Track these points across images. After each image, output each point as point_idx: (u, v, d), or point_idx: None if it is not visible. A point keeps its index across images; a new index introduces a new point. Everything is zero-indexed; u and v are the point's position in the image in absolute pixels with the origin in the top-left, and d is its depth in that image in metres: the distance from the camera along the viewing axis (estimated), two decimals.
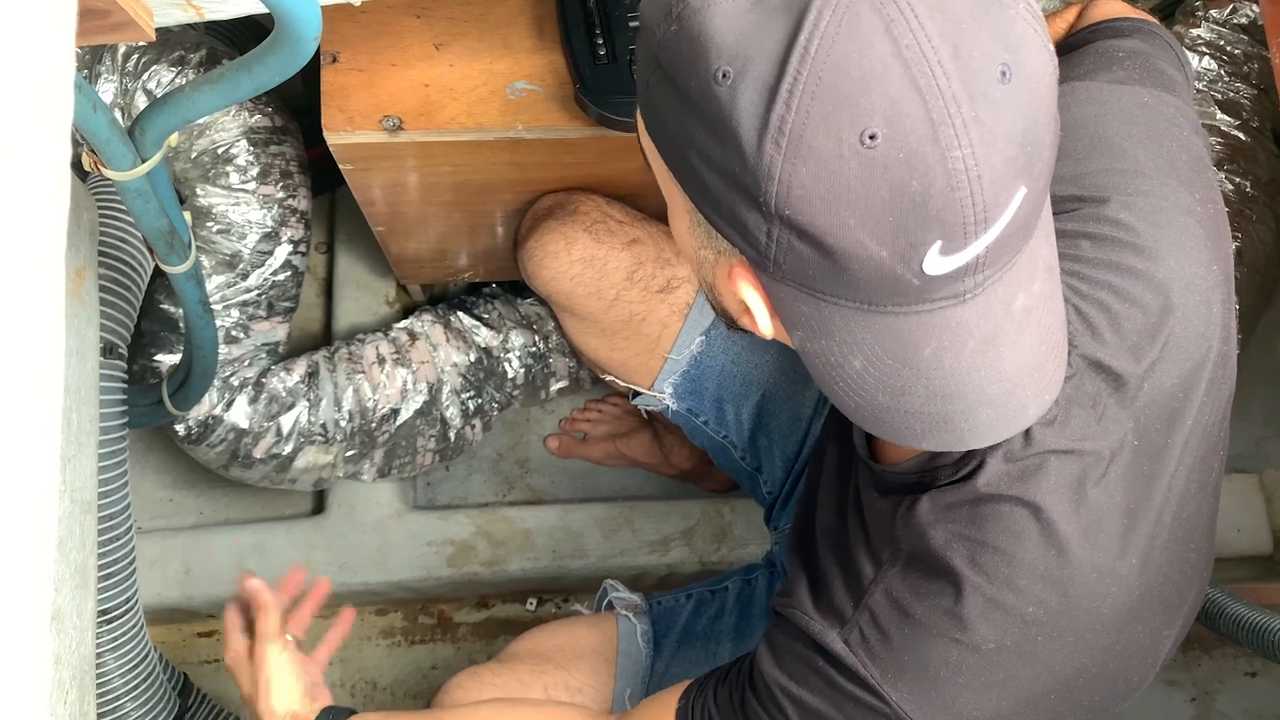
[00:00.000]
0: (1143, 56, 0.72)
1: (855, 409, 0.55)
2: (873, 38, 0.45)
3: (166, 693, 0.99)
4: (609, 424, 1.33)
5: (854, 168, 0.46)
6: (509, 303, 1.24)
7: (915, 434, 0.55)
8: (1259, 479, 1.35)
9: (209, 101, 0.62)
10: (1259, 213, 1.26)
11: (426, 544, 1.26)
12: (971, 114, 0.46)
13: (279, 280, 1.10)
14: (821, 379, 0.55)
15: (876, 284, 0.49)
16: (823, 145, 0.46)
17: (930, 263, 0.48)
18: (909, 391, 0.53)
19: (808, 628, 0.65)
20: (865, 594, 0.64)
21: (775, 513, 1.03)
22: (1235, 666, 1.35)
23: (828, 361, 0.53)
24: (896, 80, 0.45)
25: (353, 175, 0.94)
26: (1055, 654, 0.61)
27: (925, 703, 0.61)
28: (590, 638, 0.97)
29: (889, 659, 0.62)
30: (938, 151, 0.46)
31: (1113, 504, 0.61)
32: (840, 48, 0.45)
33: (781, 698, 0.65)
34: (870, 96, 0.45)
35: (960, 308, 0.50)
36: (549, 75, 0.90)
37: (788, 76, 0.46)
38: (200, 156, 1.03)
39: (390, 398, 1.16)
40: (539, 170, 0.96)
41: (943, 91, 0.45)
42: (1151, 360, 0.62)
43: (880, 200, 0.47)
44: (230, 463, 1.14)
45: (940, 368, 0.52)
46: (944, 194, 0.46)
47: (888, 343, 0.51)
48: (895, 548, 0.64)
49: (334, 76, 0.89)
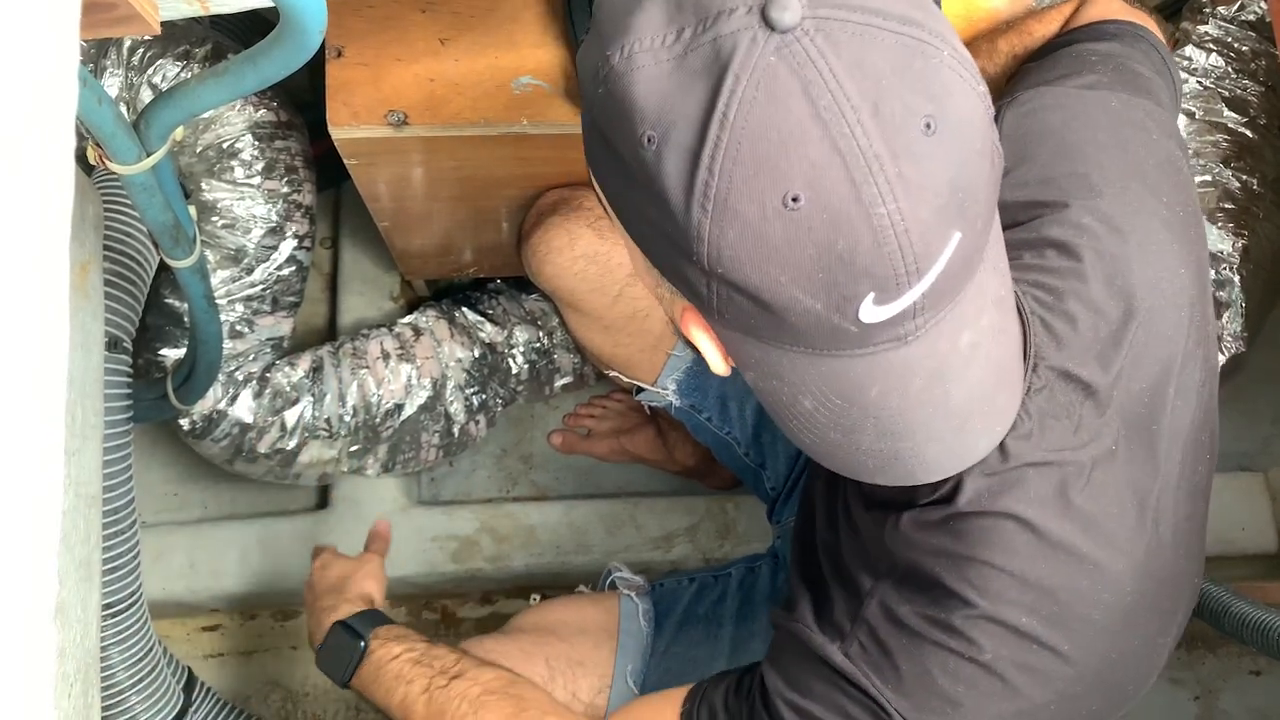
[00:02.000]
0: (1117, 60, 0.72)
1: (810, 445, 0.56)
2: (790, 101, 0.45)
3: (171, 686, 0.99)
4: (613, 420, 1.33)
5: (779, 229, 0.46)
6: (513, 298, 1.24)
7: (868, 470, 0.56)
8: (1265, 477, 1.34)
9: (214, 95, 0.62)
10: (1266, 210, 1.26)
11: (430, 539, 1.26)
12: (895, 171, 0.46)
13: (284, 275, 1.10)
14: (776, 417, 0.56)
15: (815, 332, 0.50)
16: (746, 209, 0.46)
17: (865, 312, 0.48)
18: (859, 430, 0.54)
19: (810, 641, 0.66)
20: (862, 606, 0.64)
21: (778, 509, 1.03)
22: (1239, 665, 1.35)
23: (780, 401, 0.54)
24: (815, 142, 0.45)
25: (358, 170, 0.94)
26: (1051, 663, 0.61)
27: (926, 712, 0.62)
28: (593, 614, 0.97)
29: (889, 669, 0.62)
30: (861, 210, 0.46)
31: (1099, 510, 0.61)
32: (759, 112, 0.45)
33: (788, 711, 0.65)
34: (790, 160, 0.46)
35: (903, 349, 0.50)
36: (554, 70, 0.90)
37: (709, 142, 0.46)
38: (205, 151, 1.03)
39: (394, 393, 1.16)
40: (544, 165, 0.96)
41: (863, 151, 0.45)
42: (1120, 368, 0.62)
43: (808, 259, 0.47)
44: (234, 457, 1.14)
45: (887, 407, 0.53)
46: (871, 250, 0.47)
47: (834, 384, 0.52)
48: (889, 561, 0.64)
49: (339, 71, 0.89)
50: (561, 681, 0.91)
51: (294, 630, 1.32)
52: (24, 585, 0.30)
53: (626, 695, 0.92)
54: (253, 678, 1.30)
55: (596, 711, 0.91)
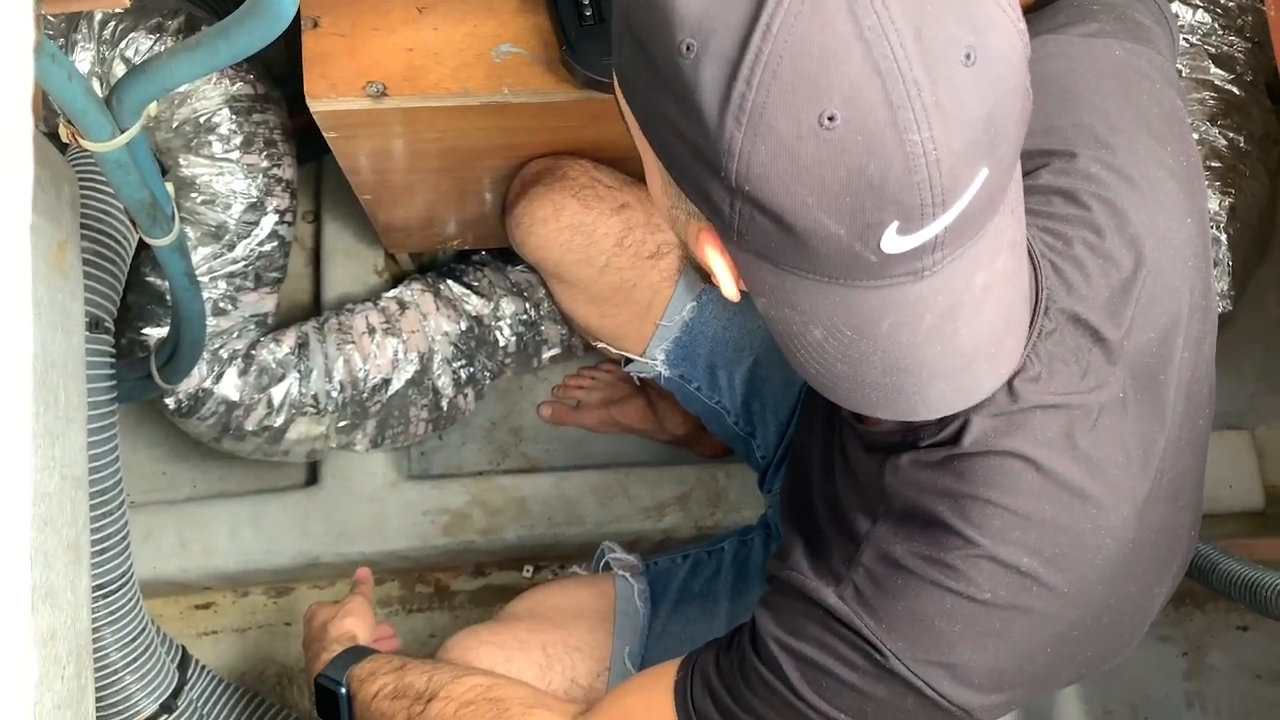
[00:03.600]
0: (1118, 9, 0.72)
1: (815, 375, 0.56)
2: (835, 17, 0.45)
3: (165, 665, 0.99)
4: (602, 391, 1.33)
5: (812, 148, 0.46)
6: (499, 270, 1.23)
7: (871, 403, 0.56)
8: (1251, 435, 1.35)
9: (187, 69, 0.60)
10: (1252, 168, 1.26)
11: (422, 513, 1.26)
12: (932, 98, 0.46)
13: (266, 251, 1.09)
14: (785, 346, 0.56)
15: (835, 259, 0.49)
16: (781, 125, 0.46)
17: (887, 242, 0.48)
18: (866, 362, 0.54)
19: (804, 586, 0.66)
20: (858, 550, 0.64)
21: (769, 477, 1.03)
22: (1227, 621, 1.36)
23: (789, 330, 0.54)
24: (857, 62, 0.45)
25: (337, 143, 0.92)
26: (1050, 605, 0.61)
27: (921, 653, 0.61)
28: (588, 597, 0.97)
29: (884, 610, 0.62)
30: (895, 135, 0.46)
31: (1104, 455, 0.61)
32: (803, 26, 0.45)
33: (779, 651, 0.65)
34: (830, 77, 0.45)
35: (918, 284, 0.51)
36: (534, 38, 0.89)
37: (750, 53, 0.46)
38: (182, 126, 1.01)
39: (381, 368, 1.15)
40: (526, 135, 0.95)
41: (903, 74, 0.45)
42: (1130, 316, 0.62)
43: (837, 181, 0.47)
44: (222, 435, 1.14)
45: (897, 341, 0.53)
46: (901, 177, 0.46)
47: (846, 315, 0.52)
48: (887, 504, 0.64)
49: (315, 42, 0.87)
50: (559, 668, 0.91)
51: (287, 606, 1.32)
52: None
53: (625, 677, 0.92)
54: (247, 654, 1.30)
55: (596, 695, 0.90)
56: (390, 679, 0.85)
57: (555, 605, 0.96)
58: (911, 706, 0.62)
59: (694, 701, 0.70)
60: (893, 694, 0.62)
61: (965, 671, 0.62)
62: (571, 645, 0.93)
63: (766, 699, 0.66)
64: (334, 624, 0.96)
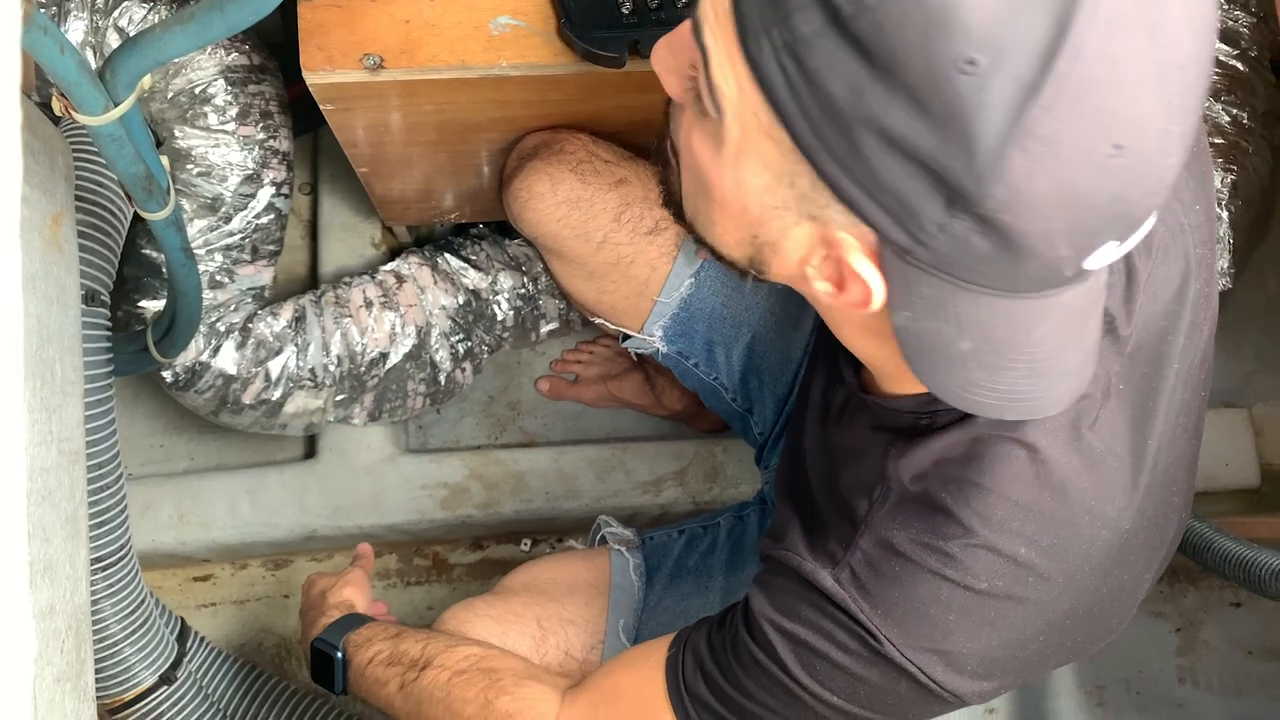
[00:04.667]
0: None
1: (941, 385, 0.53)
2: (1136, 42, 0.42)
3: (165, 637, 1.00)
4: (600, 365, 1.33)
5: (1090, 176, 0.44)
6: (497, 244, 1.23)
7: (998, 408, 0.54)
8: (1248, 413, 1.35)
9: (181, 43, 0.60)
10: (1255, 144, 1.25)
11: (420, 487, 1.26)
12: (1181, 126, 0.44)
13: (262, 223, 1.08)
14: (914, 355, 0.52)
15: (1037, 276, 0.47)
16: (1072, 154, 0.43)
17: (1094, 258, 0.47)
18: (1009, 369, 0.52)
19: (799, 567, 0.66)
20: (856, 533, 0.64)
21: (766, 453, 1.03)
22: (1220, 598, 1.37)
23: (933, 343, 0.51)
24: (1150, 90, 0.43)
25: (334, 115, 0.92)
26: (1045, 595, 0.62)
27: (916, 640, 0.62)
28: (583, 571, 0.98)
29: (880, 596, 0.62)
30: (1160, 160, 0.45)
31: (1105, 447, 0.61)
32: (1109, 49, 0.42)
33: (773, 633, 0.65)
34: (1126, 105, 0.43)
35: (1078, 287, 0.49)
36: (532, 10, 0.88)
37: (1053, 77, 0.41)
38: (177, 97, 1.00)
39: (379, 341, 1.15)
40: (524, 108, 0.94)
41: (1179, 103, 0.44)
42: (1139, 303, 0.62)
43: (1096, 207, 0.45)
44: (219, 408, 1.14)
45: (1045, 345, 0.51)
46: (1146, 199, 0.45)
47: (1007, 325, 0.50)
48: (886, 486, 0.64)
49: (312, 13, 0.86)
50: (554, 641, 0.92)
51: (285, 579, 1.33)
52: None
53: (619, 649, 0.93)
54: (246, 626, 1.31)
55: (590, 668, 0.91)
56: (385, 645, 0.86)
57: (551, 579, 0.97)
58: (904, 691, 0.63)
59: (685, 678, 0.70)
60: (886, 679, 0.63)
61: (959, 659, 0.62)
62: (566, 618, 0.93)
63: (758, 679, 0.66)
64: (333, 592, 0.97)
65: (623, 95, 0.93)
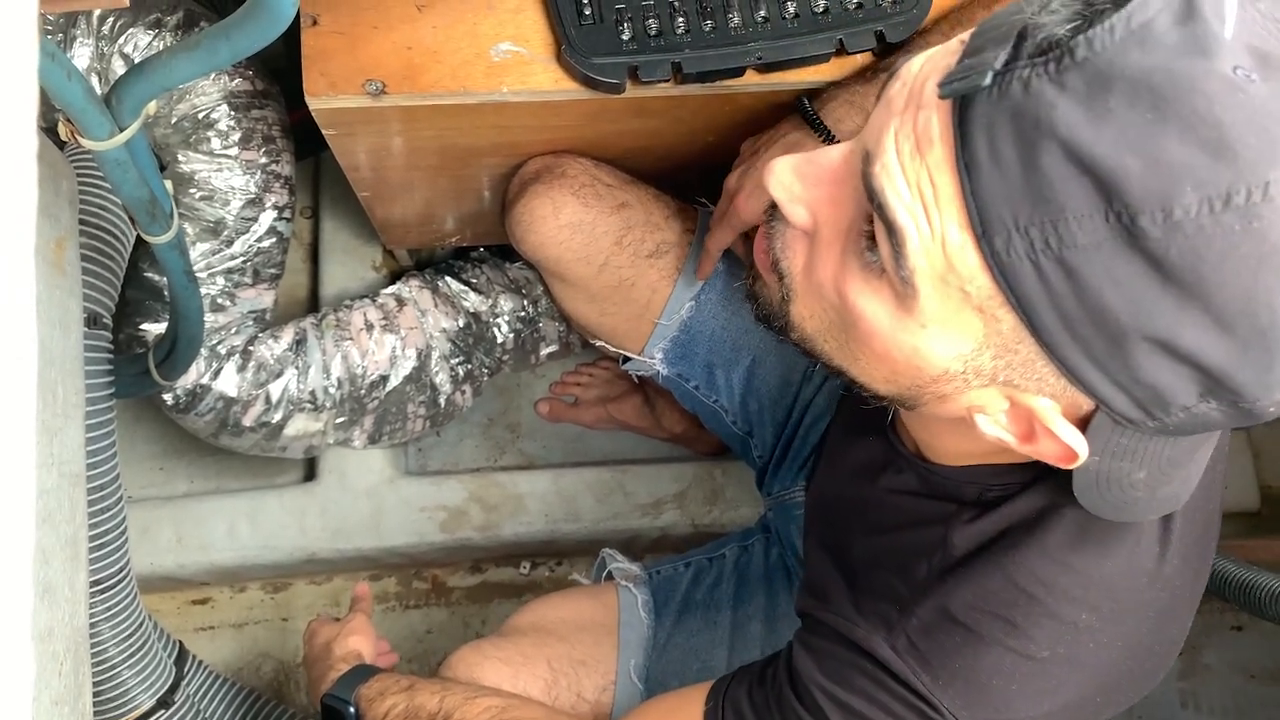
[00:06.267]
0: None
1: (1097, 503, 0.54)
2: None
3: (163, 660, 1.00)
4: (599, 388, 1.33)
5: None
6: (497, 267, 1.23)
7: (1147, 511, 0.56)
8: (1247, 435, 1.35)
9: (186, 69, 0.60)
10: None
11: (419, 509, 1.26)
12: None
13: (264, 247, 1.09)
14: (1085, 489, 0.53)
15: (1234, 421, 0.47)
16: None
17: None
18: (1170, 481, 0.53)
19: (851, 634, 0.64)
20: (913, 600, 0.63)
21: (768, 479, 1.03)
22: (1221, 621, 1.37)
23: (1111, 476, 0.52)
24: None
25: (336, 140, 0.92)
26: (1104, 659, 0.61)
27: (977, 711, 0.61)
28: (591, 609, 0.96)
29: (940, 666, 0.61)
30: None
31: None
32: None
33: (825, 701, 0.64)
34: None
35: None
36: (534, 36, 0.88)
37: None
38: (180, 122, 1.01)
39: (379, 364, 1.15)
40: (525, 134, 0.95)
41: None
42: None
43: None
44: (220, 431, 1.14)
45: (1201, 452, 0.53)
46: None
47: (1186, 454, 0.51)
48: (947, 553, 0.63)
49: (315, 40, 0.87)
50: (565, 683, 0.90)
51: (284, 602, 1.32)
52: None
53: (631, 691, 0.91)
54: (244, 650, 1.30)
55: (603, 710, 0.90)
56: (400, 699, 0.83)
57: (559, 618, 0.95)
58: None
59: None
60: None
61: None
62: (576, 659, 0.92)
63: None
64: (338, 643, 0.94)
65: (623, 120, 0.93)
